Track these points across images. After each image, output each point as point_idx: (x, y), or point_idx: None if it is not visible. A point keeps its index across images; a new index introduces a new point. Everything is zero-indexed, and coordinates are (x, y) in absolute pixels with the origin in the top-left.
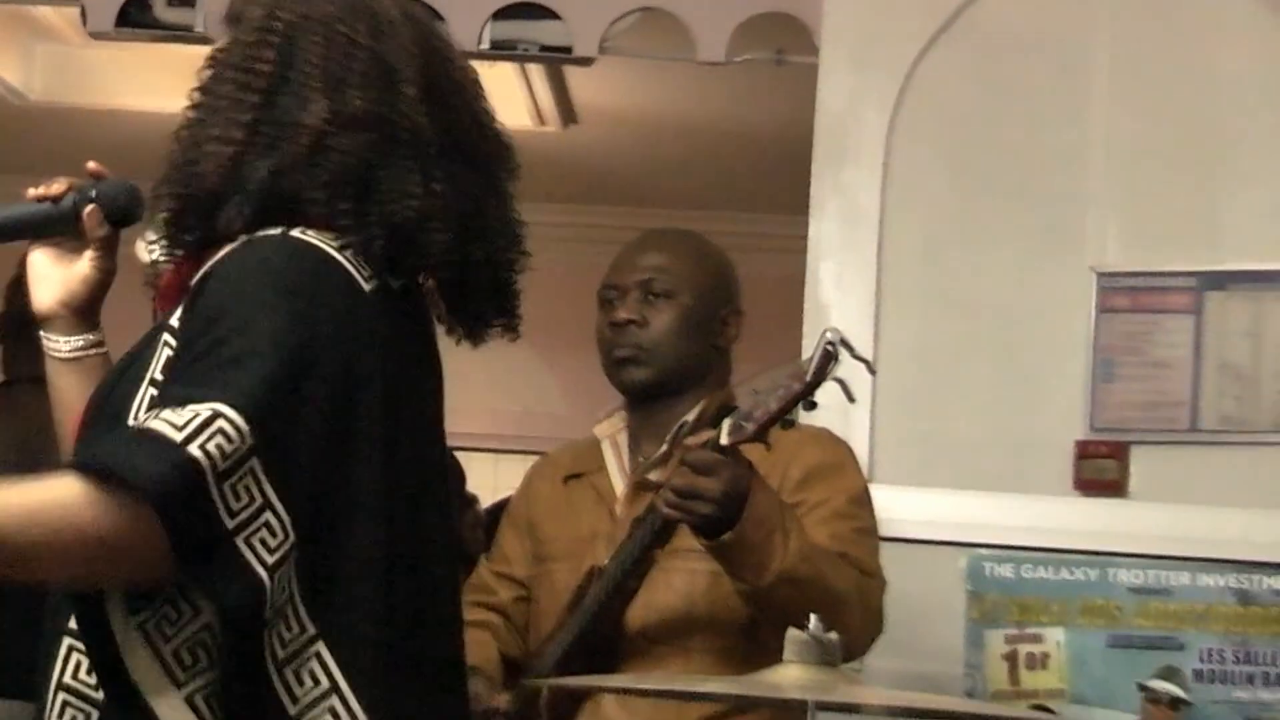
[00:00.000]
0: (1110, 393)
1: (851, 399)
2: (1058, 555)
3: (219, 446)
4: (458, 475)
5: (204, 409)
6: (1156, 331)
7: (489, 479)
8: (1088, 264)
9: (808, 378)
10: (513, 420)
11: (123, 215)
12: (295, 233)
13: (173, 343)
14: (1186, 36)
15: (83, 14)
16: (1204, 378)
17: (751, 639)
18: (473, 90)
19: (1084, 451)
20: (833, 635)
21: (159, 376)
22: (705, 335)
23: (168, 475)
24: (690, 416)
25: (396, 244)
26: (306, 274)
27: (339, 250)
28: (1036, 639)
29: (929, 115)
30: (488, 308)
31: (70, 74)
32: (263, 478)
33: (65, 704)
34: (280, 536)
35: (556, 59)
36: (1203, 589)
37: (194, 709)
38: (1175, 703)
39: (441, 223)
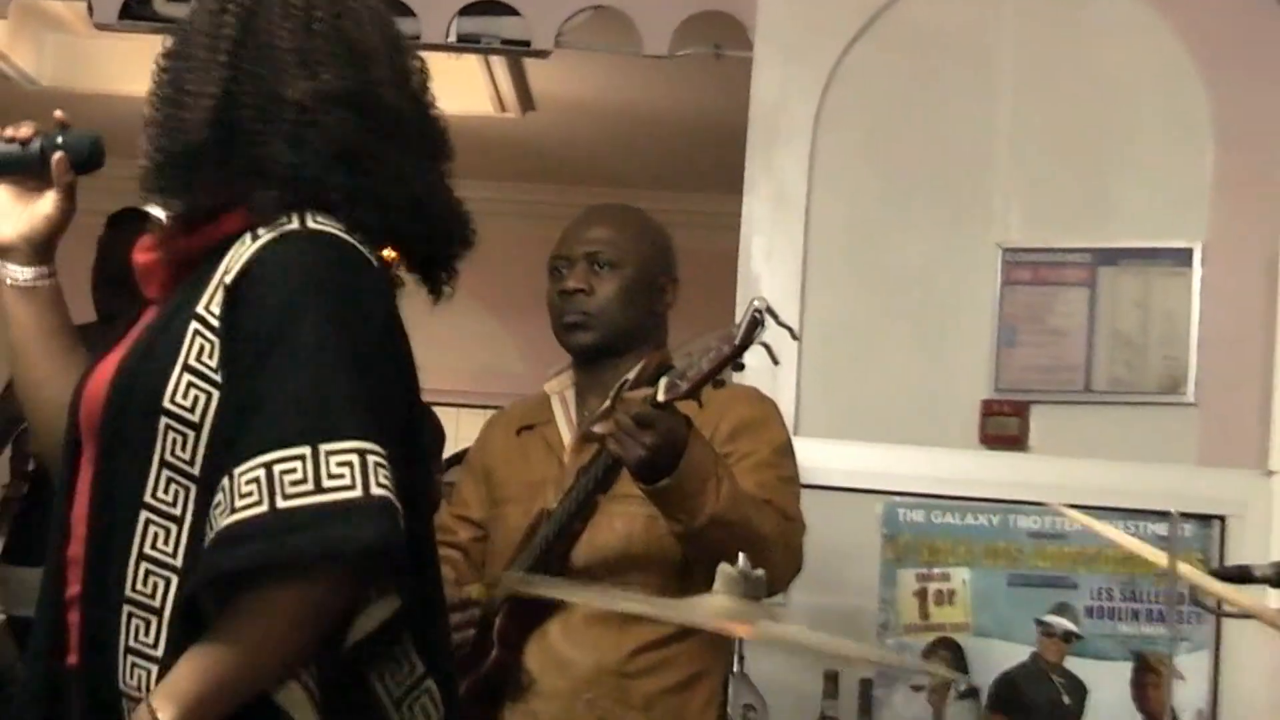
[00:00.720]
0: (1013, 357)
1: (776, 361)
2: (964, 503)
3: (388, 478)
4: (440, 435)
5: (347, 450)
6: (1055, 302)
7: (450, 431)
8: (994, 241)
9: (736, 342)
10: (472, 377)
11: (86, 162)
12: (312, 224)
13: (209, 336)
14: (1083, 37)
15: (89, 7)
16: (1097, 344)
17: (684, 576)
18: (422, 76)
19: (989, 410)
20: (759, 572)
21: (196, 365)
22: (645, 302)
23: (386, 526)
24: (631, 375)
25: (387, 222)
26: (339, 268)
27: (347, 233)
28: (944, 578)
29: (852, 105)
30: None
31: (78, 62)
32: (390, 483)
33: (130, 615)
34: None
35: (516, 51)
36: (1094, 534)
37: None
38: (1068, 636)
39: (420, 203)
